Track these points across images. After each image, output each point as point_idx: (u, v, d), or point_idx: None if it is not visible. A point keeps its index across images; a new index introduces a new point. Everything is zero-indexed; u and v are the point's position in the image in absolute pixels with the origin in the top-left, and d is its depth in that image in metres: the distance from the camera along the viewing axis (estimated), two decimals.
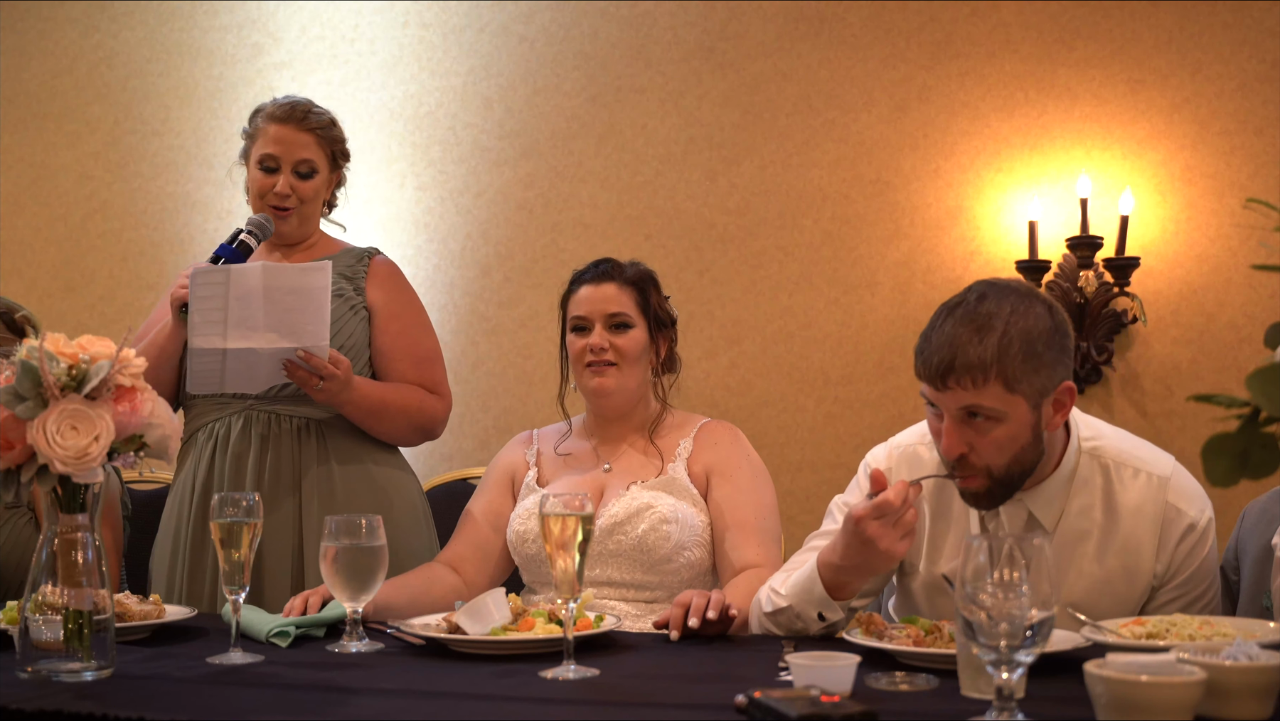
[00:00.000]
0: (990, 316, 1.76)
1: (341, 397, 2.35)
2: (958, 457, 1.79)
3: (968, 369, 1.74)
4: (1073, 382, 1.82)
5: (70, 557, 1.64)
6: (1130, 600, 1.90)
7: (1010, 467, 1.80)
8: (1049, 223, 3.59)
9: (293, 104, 2.51)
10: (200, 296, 2.25)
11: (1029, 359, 1.75)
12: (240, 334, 2.25)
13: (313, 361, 2.27)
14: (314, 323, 2.26)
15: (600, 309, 2.31)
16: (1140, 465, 1.92)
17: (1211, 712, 1.29)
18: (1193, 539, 1.89)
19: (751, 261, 3.84)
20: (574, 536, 1.66)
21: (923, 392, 1.83)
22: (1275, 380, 1.13)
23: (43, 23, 4.47)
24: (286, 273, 2.28)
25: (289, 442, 2.41)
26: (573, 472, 2.36)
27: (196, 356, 2.28)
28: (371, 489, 2.44)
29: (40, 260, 4.40)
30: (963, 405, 1.76)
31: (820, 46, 3.82)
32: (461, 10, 4.12)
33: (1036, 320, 1.77)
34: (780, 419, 3.77)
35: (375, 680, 1.64)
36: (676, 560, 2.23)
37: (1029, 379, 1.75)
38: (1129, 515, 1.89)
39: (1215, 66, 3.54)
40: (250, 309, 2.24)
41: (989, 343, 1.74)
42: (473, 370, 4.02)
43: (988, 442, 1.77)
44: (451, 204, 4.08)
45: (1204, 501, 1.92)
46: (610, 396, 2.32)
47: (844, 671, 1.46)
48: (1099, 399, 3.56)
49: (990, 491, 1.82)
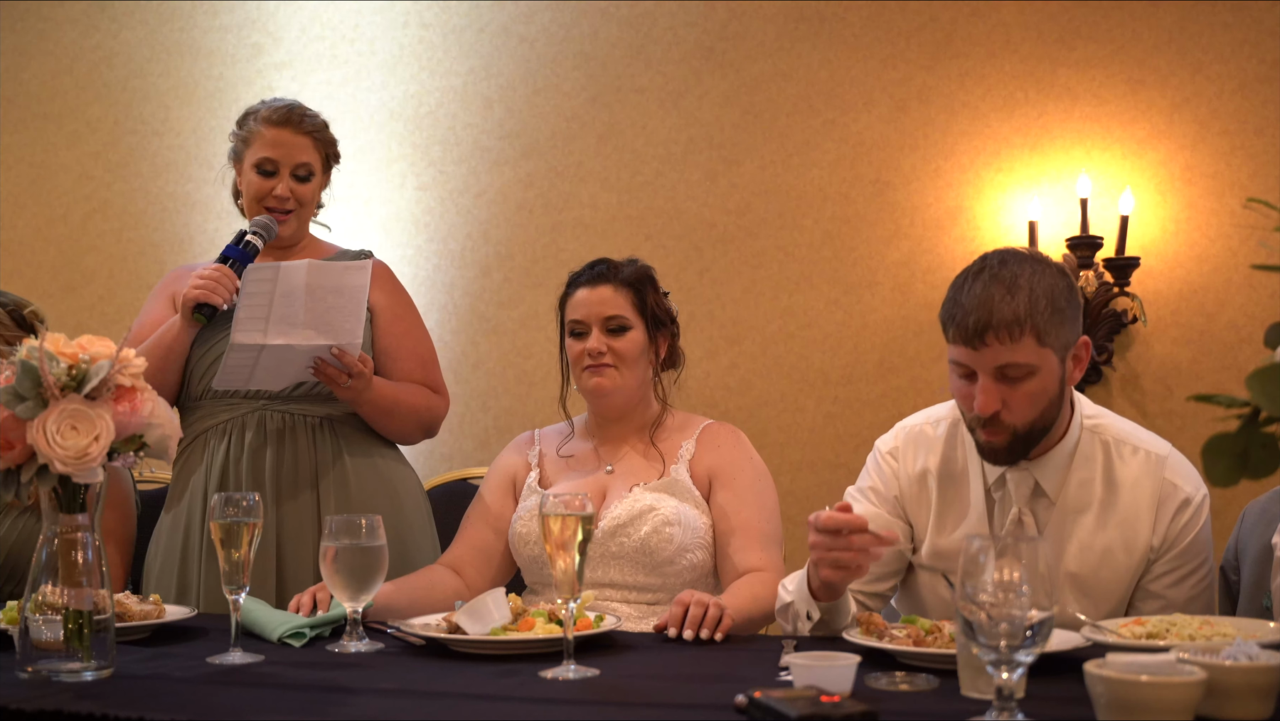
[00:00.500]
0: (1015, 277, 1.84)
1: (364, 396, 2.38)
2: (991, 415, 1.85)
3: (1004, 325, 1.81)
4: (1088, 338, 1.91)
5: (70, 557, 1.64)
6: (1128, 570, 1.95)
7: (1036, 423, 1.87)
8: (1049, 223, 3.59)
9: (289, 107, 2.52)
10: (249, 293, 2.27)
11: (1055, 313, 1.83)
12: (280, 330, 2.27)
13: (345, 359, 2.30)
14: (351, 320, 2.29)
15: (597, 312, 2.30)
16: (1139, 444, 1.99)
17: (1211, 712, 1.29)
18: (1188, 513, 1.95)
19: (751, 261, 3.84)
20: (574, 536, 1.67)
21: (953, 358, 1.89)
22: (1275, 380, 1.13)
23: (43, 23, 4.47)
24: (331, 271, 2.30)
25: (305, 438, 2.43)
26: (575, 474, 2.36)
27: (235, 351, 2.28)
28: (382, 484, 2.46)
29: (40, 260, 4.40)
30: (1000, 362, 1.83)
31: (820, 46, 3.82)
32: (461, 10, 4.12)
33: (1054, 279, 1.86)
34: (780, 419, 3.77)
35: (375, 680, 1.64)
36: (679, 562, 2.23)
37: (1056, 332, 1.84)
38: (1128, 489, 1.95)
39: (1215, 66, 3.54)
40: (293, 306, 2.26)
41: (1020, 300, 1.81)
42: (473, 370, 4.02)
43: (1021, 396, 1.84)
44: (451, 204, 4.08)
45: (1199, 481, 1.98)
46: (609, 396, 2.31)
47: (844, 671, 1.46)
48: (1099, 399, 3.55)
49: (1010, 446, 1.89)
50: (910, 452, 2.06)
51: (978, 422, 1.88)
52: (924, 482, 2.04)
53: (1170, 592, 1.96)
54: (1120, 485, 1.95)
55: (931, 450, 2.04)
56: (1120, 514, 1.94)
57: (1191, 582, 1.96)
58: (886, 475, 2.08)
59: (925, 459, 2.05)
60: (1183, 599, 1.96)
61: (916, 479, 2.05)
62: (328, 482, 2.42)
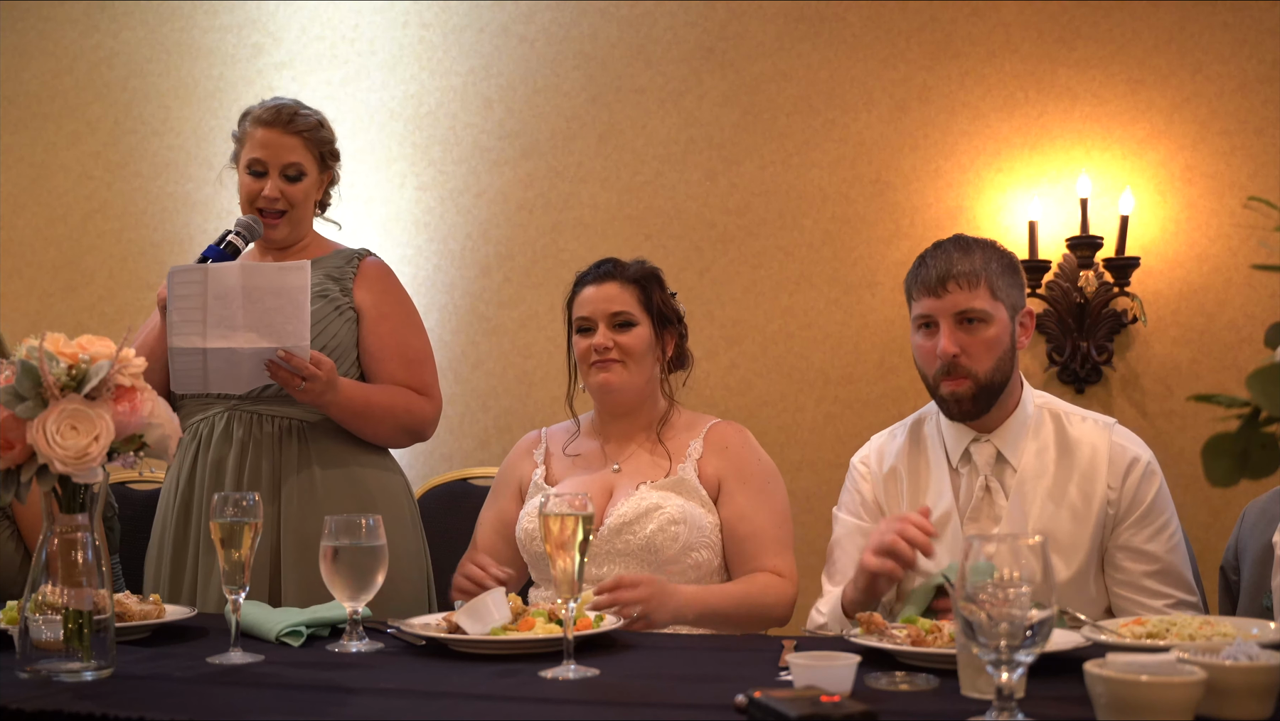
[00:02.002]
0: (969, 244, 2.12)
1: (325, 399, 2.33)
2: (951, 359, 2.06)
3: (963, 274, 2.07)
4: (1031, 309, 2.17)
5: (70, 557, 1.64)
6: (1088, 523, 2.08)
7: (993, 374, 2.08)
8: (1049, 223, 3.59)
9: (279, 107, 2.50)
10: (178, 295, 2.25)
11: (1005, 272, 2.11)
12: (219, 333, 2.24)
13: (293, 362, 2.26)
14: (294, 322, 2.25)
15: (603, 308, 2.33)
16: (1086, 414, 2.18)
17: (1211, 712, 1.29)
18: (1140, 470, 2.10)
19: (751, 261, 3.84)
20: (574, 536, 1.66)
21: (916, 315, 2.12)
22: (1275, 380, 1.13)
23: (43, 23, 4.47)
24: (265, 272, 2.27)
25: (269, 446, 2.39)
26: (581, 472, 2.37)
27: (177, 356, 2.27)
28: (355, 492, 2.41)
29: (40, 260, 4.40)
30: (960, 307, 2.07)
31: (820, 46, 3.82)
32: (461, 10, 4.12)
33: (1002, 251, 2.14)
34: (780, 419, 3.77)
35: (375, 680, 1.64)
36: (684, 561, 2.23)
37: (1007, 290, 2.10)
38: (1081, 447, 2.12)
39: (1215, 66, 3.54)
40: (229, 308, 2.23)
41: (975, 257, 2.09)
42: (473, 370, 4.02)
43: (978, 343, 2.07)
44: (451, 204, 4.08)
45: (1144, 446, 2.15)
46: (615, 392, 2.33)
47: (844, 671, 1.46)
48: (1099, 399, 3.56)
49: (975, 396, 2.08)
50: (877, 459, 2.26)
51: (942, 374, 2.08)
52: (895, 478, 2.22)
53: (1150, 546, 2.08)
54: (1073, 445, 2.12)
55: (898, 452, 2.23)
56: (1077, 470, 2.10)
57: (1166, 536, 2.09)
58: (862, 481, 2.26)
59: (893, 459, 2.23)
60: (1163, 551, 2.08)
61: (888, 478, 2.23)
62: (291, 491, 2.38)
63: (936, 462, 2.17)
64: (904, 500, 2.20)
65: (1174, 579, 2.09)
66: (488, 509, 2.47)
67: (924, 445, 2.21)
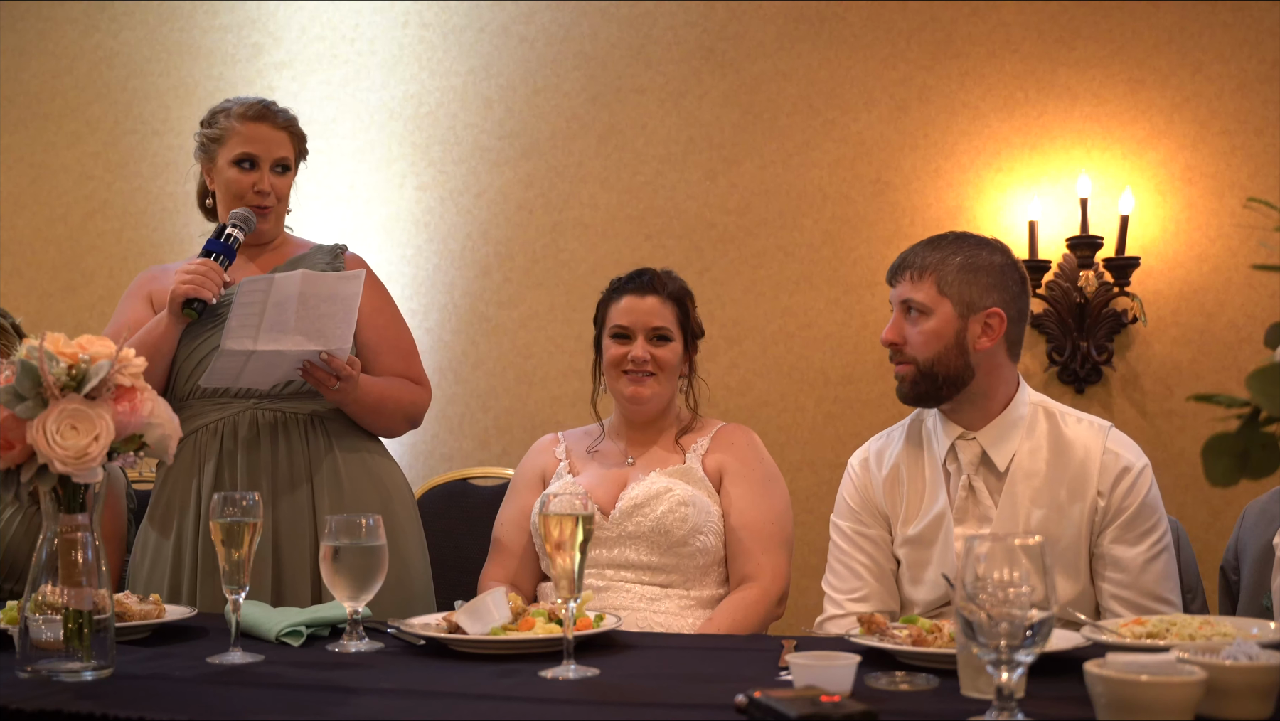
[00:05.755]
0: (945, 241, 2.17)
1: (351, 396, 2.40)
2: (891, 344, 2.15)
3: (913, 267, 2.15)
4: (1004, 313, 2.12)
5: (70, 557, 1.64)
6: (1077, 523, 2.08)
7: (934, 365, 2.11)
8: (1049, 223, 3.59)
9: (264, 103, 2.53)
10: (242, 304, 2.28)
11: (965, 273, 2.12)
12: (271, 337, 2.28)
13: (334, 363, 2.32)
14: (342, 326, 2.32)
15: (644, 321, 2.42)
16: (1082, 416, 2.17)
17: (1211, 712, 1.29)
18: (1130, 479, 2.09)
19: (751, 261, 3.84)
20: (573, 536, 1.67)
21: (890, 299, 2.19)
22: (1275, 380, 1.13)
23: (43, 23, 4.47)
24: (325, 280, 2.32)
25: (298, 435, 2.43)
26: (599, 466, 2.46)
27: (225, 356, 2.29)
28: (372, 480, 2.47)
29: (40, 260, 4.40)
30: (904, 296, 2.15)
31: (820, 46, 3.82)
32: (461, 10, 4.12)
33: (986, 255, 2.15)
34: (780, 419, 3.77)
35: (375, 680, 1.64)
36: (692, 543, 2.30)
37: (960, 289, 2.11)
38: (1075, 447, 2.11)
39: (1215, 66, 3.54)
40: (284, 314, 2.28)
41: (935, 254, 2.14)
42: (473, 370, 4.02)
43: (917, 334, 2.13)
44: (451, 204, 4.08)
45: (1140, 453, 2.13)
46: (645, 404, 2.43)
47: (844, 671, 1.46)
48: (1099, 399, 3.56)
49: (915, 380, 2.13)
50: (877, 461, 2.26)
51: (891, 357, 2.17)
52: (896, 476, 2.22)
53: (1120, 551, 2.05)
54: (1067, 445, 2.12)
55: (898, 452, 2.23)
56: (1070, 470, 2.10)
57: (1149, 543, 2.07)
58: (862, 484, 2.26)
59: (894, 457, 2.23)
60: (1139, 558, 2.04)
61: (889, 477, 2.22)
62: (321, 478, 2.42)
63: (931, 461, 2.19)
64: (904, 500, 2.20)
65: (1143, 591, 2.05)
66: (507, 507, 2.51)
67: (923, 443, 2.22)
